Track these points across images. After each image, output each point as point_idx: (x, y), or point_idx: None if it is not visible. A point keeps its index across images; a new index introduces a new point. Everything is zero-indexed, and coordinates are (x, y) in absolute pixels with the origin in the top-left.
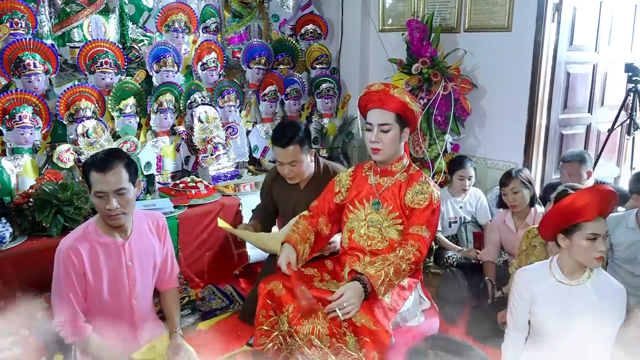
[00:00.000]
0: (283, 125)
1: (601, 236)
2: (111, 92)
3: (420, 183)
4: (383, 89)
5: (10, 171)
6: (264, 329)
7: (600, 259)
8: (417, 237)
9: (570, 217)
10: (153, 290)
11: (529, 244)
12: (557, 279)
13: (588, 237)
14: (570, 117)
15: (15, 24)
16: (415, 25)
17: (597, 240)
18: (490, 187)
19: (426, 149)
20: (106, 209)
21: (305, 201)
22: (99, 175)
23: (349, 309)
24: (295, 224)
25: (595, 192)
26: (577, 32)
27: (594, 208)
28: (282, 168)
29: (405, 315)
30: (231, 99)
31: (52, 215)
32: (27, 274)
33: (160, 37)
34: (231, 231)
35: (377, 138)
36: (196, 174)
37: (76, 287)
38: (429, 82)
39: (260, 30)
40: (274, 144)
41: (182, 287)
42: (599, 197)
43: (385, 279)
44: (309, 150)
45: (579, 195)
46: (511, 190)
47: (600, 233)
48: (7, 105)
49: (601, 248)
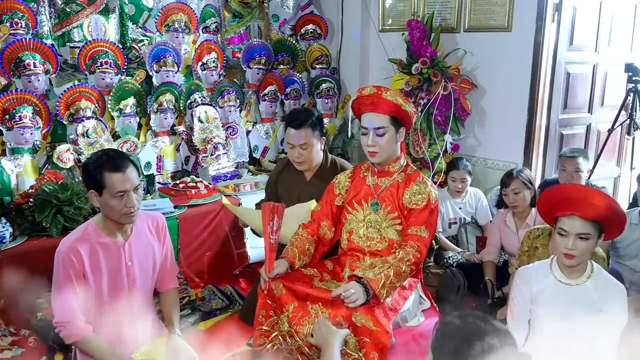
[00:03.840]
0: (298, 109)
1: (571, 234)
2: (111, 92)
3: (417, 183)
4: (375, 93)
5: (10, 171)
6: (264, 329)
7: (568, 257)
8: (416, 237)
9: (549, 208)
10: (153, 290)
11: (531, 245)
12: (557, 278)
13: (559, 232)
14: (570, 117)
15: (15, 24)
16: (415, 25)
17: (567, 238)
18: (490, 187)
19: (426, 149)
20: (126, 208)
21: (310, 194)
22: (119, 175)
23: (354, 298)
24: (295, 234)
25: (572, 189)
26: (577, 32)
27: (568, 203)
28: (293, 151)
29: (405, 315)
30: (231, 99)
31: (52, 215)
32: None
33: (160, 37)
34: (233, 210)
35: (373, 142)
36: (196, 174)
37: (76, 288)
38: (429, 82)
39: (260, 30)
40: (288, 125)
41: (182, 287)
42: (576, 194)
43: (385, 281)
44: (320, 138)
45: (558, 188)
46: (512, 190)
47: (569, 231)
48: (7, 105)
49: (568, 246)
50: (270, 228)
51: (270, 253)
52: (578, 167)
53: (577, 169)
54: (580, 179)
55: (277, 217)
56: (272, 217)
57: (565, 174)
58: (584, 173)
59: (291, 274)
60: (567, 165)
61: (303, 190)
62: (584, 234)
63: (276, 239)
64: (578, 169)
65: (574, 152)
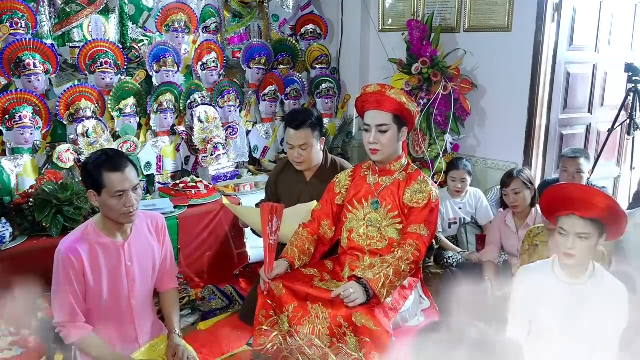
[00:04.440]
0: (297, 110)
1: (571, 234)
2: (111, 92)
3: (418, 182)
4: (379, 90)
5: (10, 171)
6: (264, 329)
7: (568, 256)
8: (416, 236)
9: (549, 207)
10: (153, 290)
11: (531, 244)
12: (559, 278)
13: (559, 231)
14: (570, 117)
15: (15, 24)
16: (415, 25)
17: (567, 237)
18: (490, 187)
19: (426, 149)
20: (125, 207)
21: (310, 195)
22: (118, 174)
23: (354, 297)
24: (296, 234)
25: (572, 189)
26: (577, 32)
27: (567, 202)
28: (293, 152)
29: (405, 315)
30: (231, 99)
31: (52, 215)
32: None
33: (160, 37)
34: (233, 209)
35: (375, 139)
36: (196, 174)
37: (76, 288)
38: (429, 82)
39: (260, 30)
40: (287, 125)
41: (182, 287)
42: (575, 194)
43: (385, 281)
44: (320, 138)
45: (558, 188)
46: (512, 190)
47: (569, 230)
48: (7, 105)
49: (568, 245)
50: (270, 229)
51: (269, 254)
52: (580, 167)
53: (579, 170)
54: (582, 180)
55: (276, 217)
56: (271, 217)
57: (567, 174)
58: (585, 174)
59: (291, 273)
60: (569, 166)
61: (303, 190)
62: (583, 233)
63: (275, 240)
64: (580, 169)
65: (576, 152)
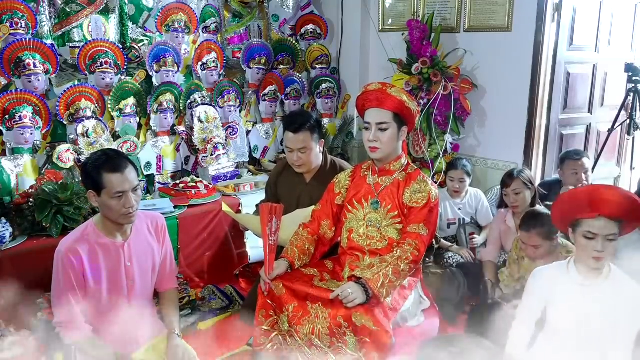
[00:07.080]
0: (295, 113)
1: (600, 236)
2: (111, 92)
3: (418, 182)
4: (380, 88)
5: (10, 171)
6: (264, 329)
7: (599, 259)
8: (415, 235)
9: (570, 211)
10: (153, 290)
11: (519, 255)
12: (574, 280)
13: (585, 235)
14: (570, 117)
15: (15, 24)
16: (415, 25)
17: (595, 240)
18: (490, 187)
19: (426, 149)
20: (125, 208)
21: (310, 196)
22: (117, 175)
23: (352, 298)
24: (296, 234)
25: (597, 189)
26: (577, 32)
27: (593, 205)
28: (292, 155)
29: (405, 315)
30: (231, 99)
31: (52, 215)
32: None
33: (160, 37)
34: (233, 216)
35: (375, 137)
36: (196, 174)
37: (75, 288)
38: (429, 82)
39: (260, 30)
40: (286, 129)
41: (182, 287)
42: (603, 195)
43: (384, 281)
44: (319, 140)
45: (581, 190)
46: (513, 191)
47: (598, 233)
48: (7, 105)
49: (598, 248)
50: (269, 229)
51: (269, 254)
52: (586, 167)
53: (586, 170)
54: (589, 179)
55: (275, 218)
56: (270, 218)
57: (577, 176)
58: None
59: (291, 273)
60: (578, 168)
61: (303, 191)
62: (611, 234)
63: (275, 240)
64: (586, 169)
65: (580, 153)
